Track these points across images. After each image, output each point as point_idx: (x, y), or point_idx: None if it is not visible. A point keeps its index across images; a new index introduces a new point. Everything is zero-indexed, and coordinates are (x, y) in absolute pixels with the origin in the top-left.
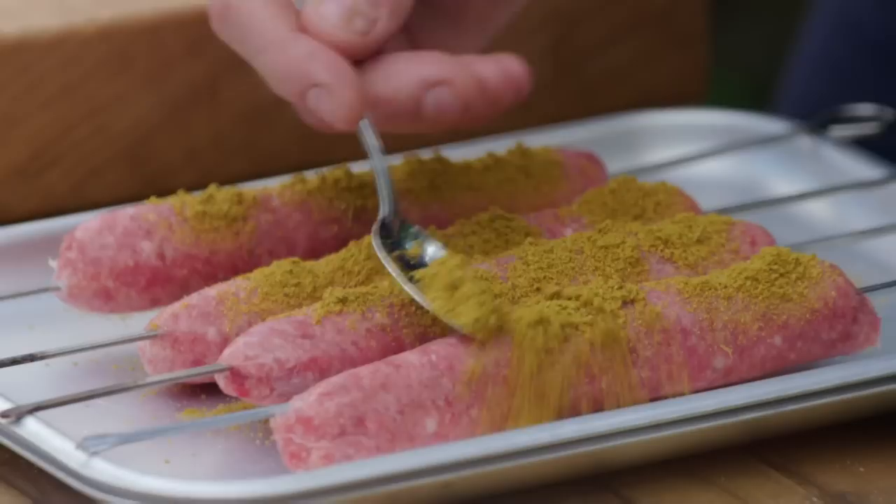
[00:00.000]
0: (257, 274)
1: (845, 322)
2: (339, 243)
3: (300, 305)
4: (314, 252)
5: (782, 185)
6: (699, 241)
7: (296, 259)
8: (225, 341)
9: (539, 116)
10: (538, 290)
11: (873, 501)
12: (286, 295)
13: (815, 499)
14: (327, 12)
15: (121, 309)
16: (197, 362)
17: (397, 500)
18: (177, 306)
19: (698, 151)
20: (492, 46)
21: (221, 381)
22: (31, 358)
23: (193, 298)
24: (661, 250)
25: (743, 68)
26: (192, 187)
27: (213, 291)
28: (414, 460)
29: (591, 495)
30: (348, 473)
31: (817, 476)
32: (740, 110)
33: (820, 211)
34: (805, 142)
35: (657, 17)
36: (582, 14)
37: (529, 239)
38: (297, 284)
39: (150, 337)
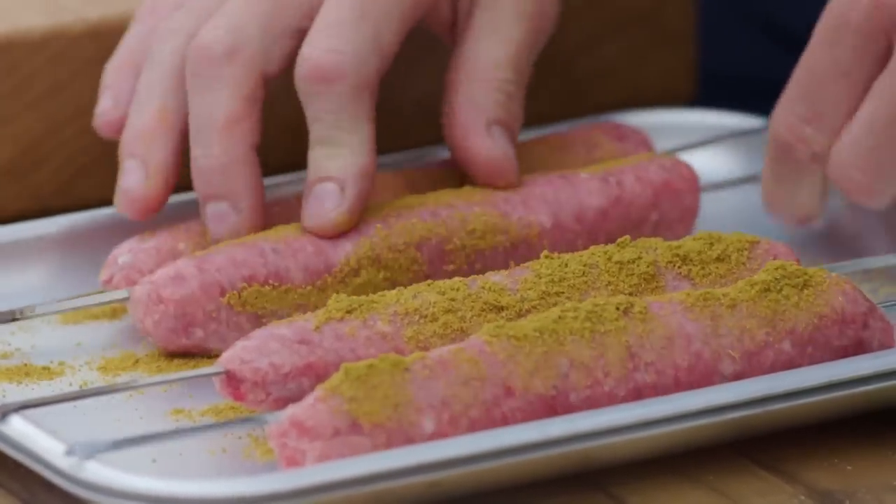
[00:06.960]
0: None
1: (856, 328)
2: None
3: None
4: None
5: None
6: (719, 259)
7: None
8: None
9: (526, 116)
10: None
11: (860, 499)
12: None
13: (802, 497)
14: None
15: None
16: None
17: (385, 498)
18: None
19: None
20: None
21: (217, 385)
22: (10, 316)
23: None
24: (679, 267)
25: None
26: (178, 186)
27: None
28: (401, 459)
29: (580, 493)
30: (335, 472)
31: (804, 474)
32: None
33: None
34: None
35: (645, 15)
36: (569, 12)
37: (545, 252)
38: None
39: (124, 300)
